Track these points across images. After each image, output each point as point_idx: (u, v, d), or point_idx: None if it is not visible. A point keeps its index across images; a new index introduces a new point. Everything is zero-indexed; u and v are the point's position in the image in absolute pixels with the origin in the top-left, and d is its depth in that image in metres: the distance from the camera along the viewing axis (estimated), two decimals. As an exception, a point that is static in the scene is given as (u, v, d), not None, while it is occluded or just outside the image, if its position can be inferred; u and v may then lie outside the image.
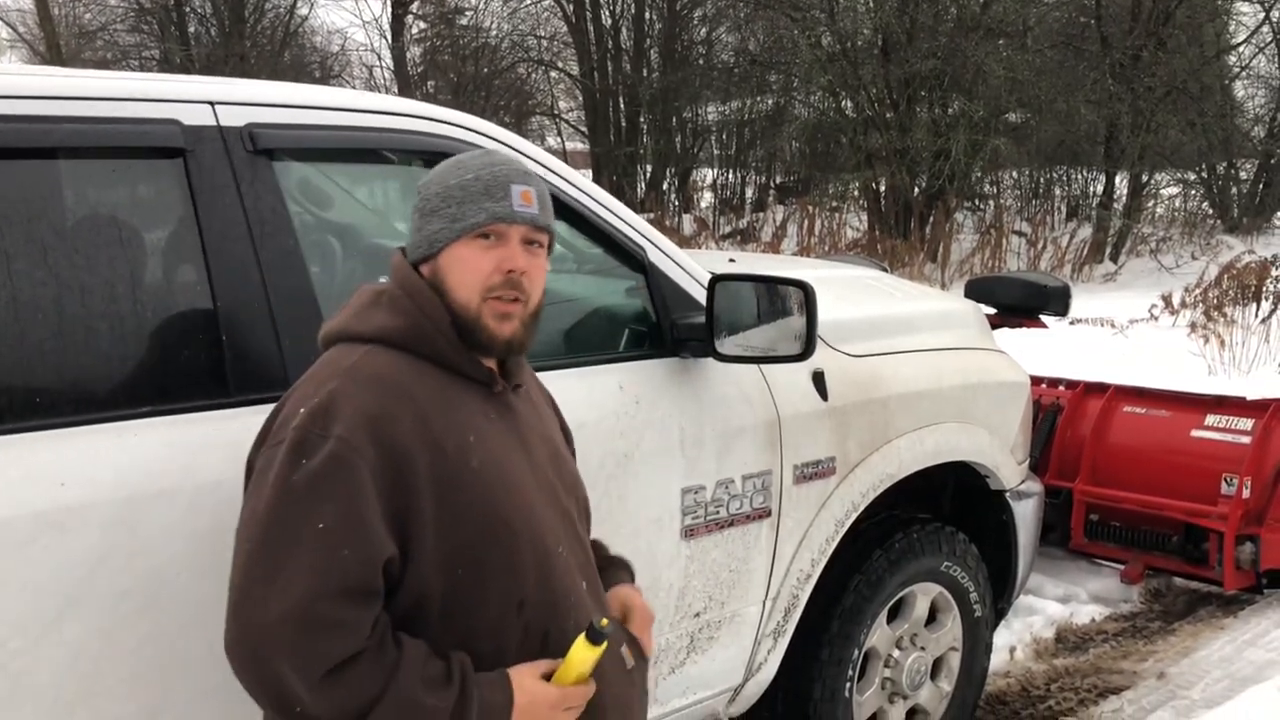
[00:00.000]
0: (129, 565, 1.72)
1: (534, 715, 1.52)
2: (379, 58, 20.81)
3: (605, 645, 1.54)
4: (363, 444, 1.44)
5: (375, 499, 1.44)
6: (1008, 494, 3.42)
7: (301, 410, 1.48)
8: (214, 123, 1.94)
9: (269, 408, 1.88)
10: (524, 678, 1.53)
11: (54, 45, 17.81)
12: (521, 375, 1.73)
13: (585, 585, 1.69)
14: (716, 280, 2.42)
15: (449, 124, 2.26)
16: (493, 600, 1.54)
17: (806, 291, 2.37)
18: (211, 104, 1.95)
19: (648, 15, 19.61)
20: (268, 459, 1.49)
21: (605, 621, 1.54)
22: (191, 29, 19.65)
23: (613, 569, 1.88)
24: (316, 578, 1.40)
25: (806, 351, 2.40)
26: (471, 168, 1.63)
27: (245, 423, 1.86)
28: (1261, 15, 16.82)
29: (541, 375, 2.29)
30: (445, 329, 1.58)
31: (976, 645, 3.33)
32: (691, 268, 2.58)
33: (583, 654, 1.54)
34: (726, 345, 2.42)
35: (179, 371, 1.86)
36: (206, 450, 1.82)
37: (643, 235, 2.50)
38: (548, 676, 1.55)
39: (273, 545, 1.43)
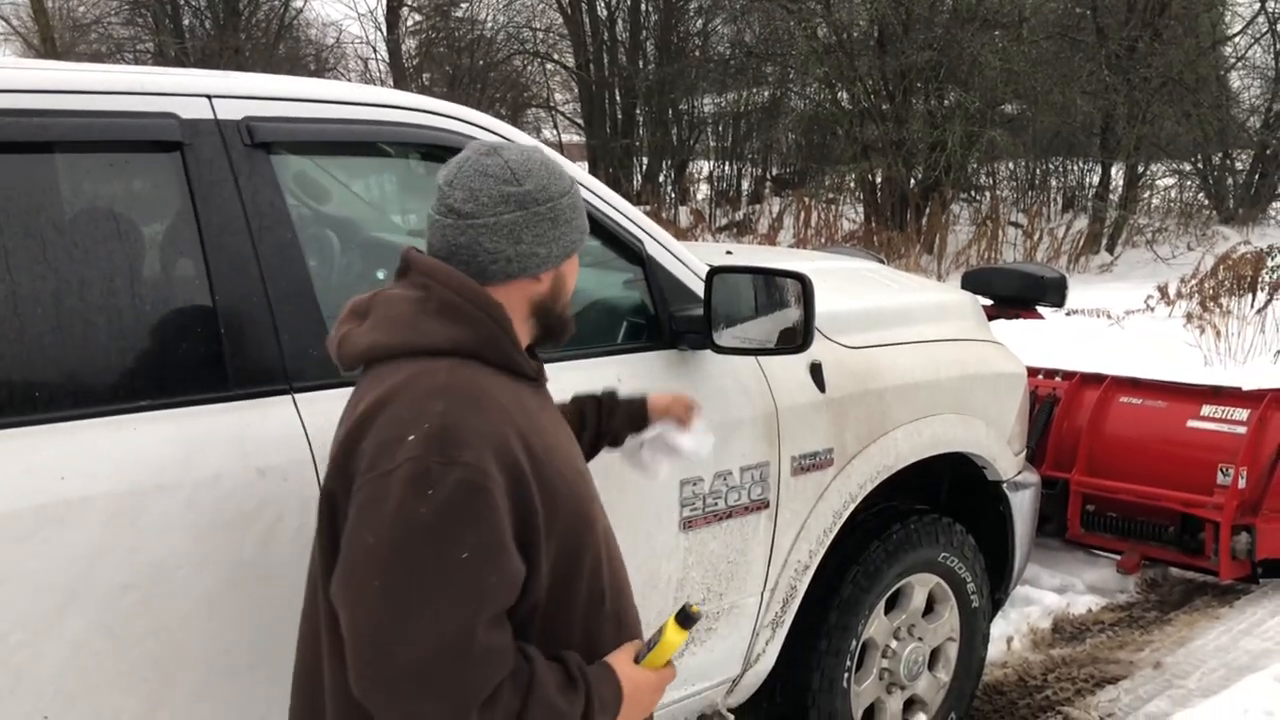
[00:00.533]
0: (129, 559, 1.72)
1: (637, 700, 1.57)
2: (374, 50, 20.79)
3: (693, 629, 1.59)
4: (490, 467, 1.41)
5: (507, 518, 1.43)
6: (1005, 485, 3.43)
7: (410, 437, 1.40)
8: (211, 116, 1.94)
9: (268, 401, 1.90)
10: (623, 666, 1.57)
11: (48, 38, 17.74)
12: None
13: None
14: (714, 272, 2.42)
15: (447, 116, 2.26)
16: (583, 593, 1.57)
17: (804, 283, 2.37)
18: (209, 97, 1.95)
19: (643, 7, 19.57)
20: (376, 490, 1.40)
21: (696, 607, 1.59)
22: (186, 22, 19.60)
23: (624, 402, 2.04)
24: (469, 608, 1.38)
25: (805, 343, 2.40)
26: (564, 174, 1.63)
27: (244, 416, 1.88)
28: (1257, 6, 16.82)
29: (540, 368, 2.30)
30: (511, 334, 1.57)
31: (974, 636, 3.34)
32: (689, 260, 2.58)
33: (673, 637, 1.59)
34: (724, 337, 2.42)
35: (178, 365, 1.86)
36: (206, 444, 1.82)
37: (640, 228, 2.50)
38: (636, 659, 1.60)
39: (411, 581, 1.37)
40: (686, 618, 1.57)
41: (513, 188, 1.55)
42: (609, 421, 2.03)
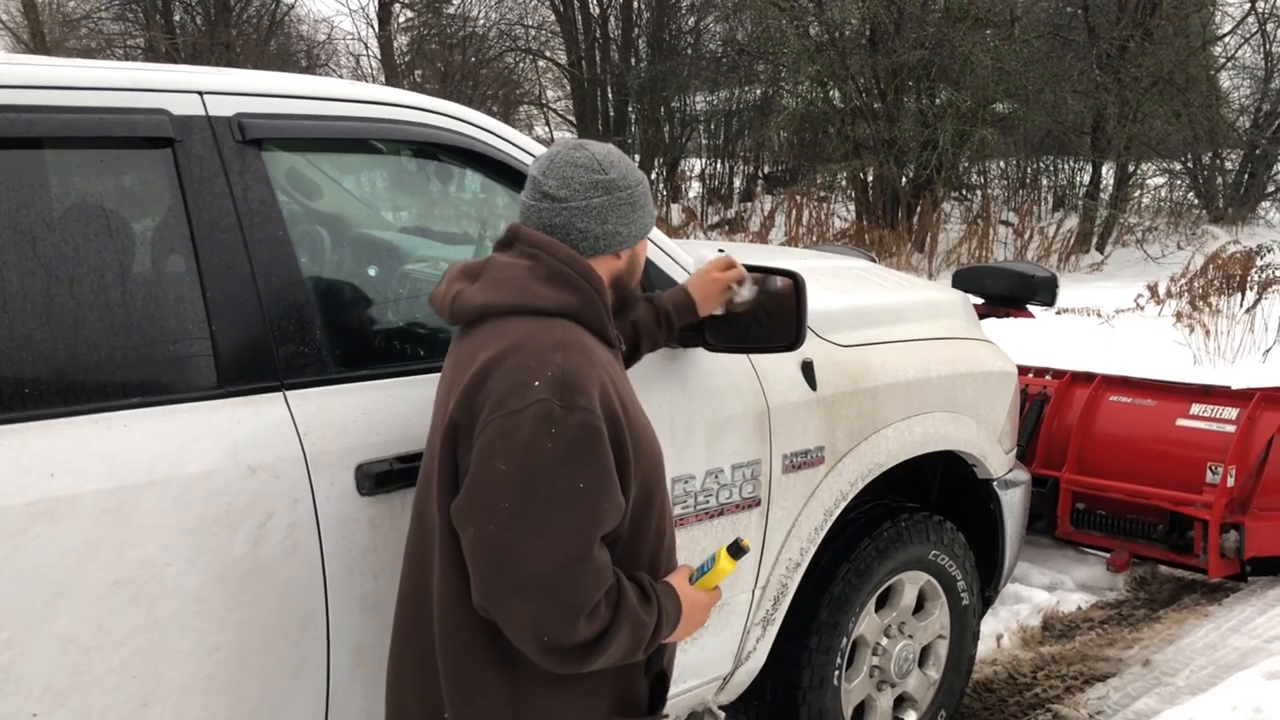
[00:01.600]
0: (119, 556, 1.72)
1: (692, 616, 1.82)
2: (366, 46, 20.80)
3: (741, 559, 1.83)
4: (599, 412, 1.62)
5: (611, 457, 1.64)
6: (995, 483, 3.44)
7: (537, 382, 1.60)
8: (203, 112, 1.93)
9: (259, 398, 1.90)
10: (682, 585, 1.81)
11: (38, 33, 17.68)
12: None
13: None
14: (706, 270, 2.42)
15: (439, 114, 2.26)
16: (652, 529, 1.79)
17: (797, 281, 2.38)
18: (200, 94, 1.95)
19: (636, 4, 19.57)
20: (507, 425, 1.58)
21: (746, 541, 1.84)
22: (177, 17, 19.54)
23: (669, 296, 2.30)
24: (588, 530, 1.60)
25: (797, 341, 2.40)
26: (636, 167, 1.85)
27: (235, 413, 1.87)
28: (1247, 6, 16.88)
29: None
30: (607, 302, 1.79)
31: (964, 633, 3.35)
32: (681, 257, 2.58)
33: (725, 565, 1.83)
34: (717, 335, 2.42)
35: (169, 362, 1.86)
36: (196, 441, 1.82)
37: (632, 225, 2.50)
38: (690, 580, 1.84)
39: (539, 504, 1.57)
40: (738, 549, 1.82)
41: (600, 175, 1.78)
42: (669, 333, 2.29)
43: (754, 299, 2.33)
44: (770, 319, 2.38)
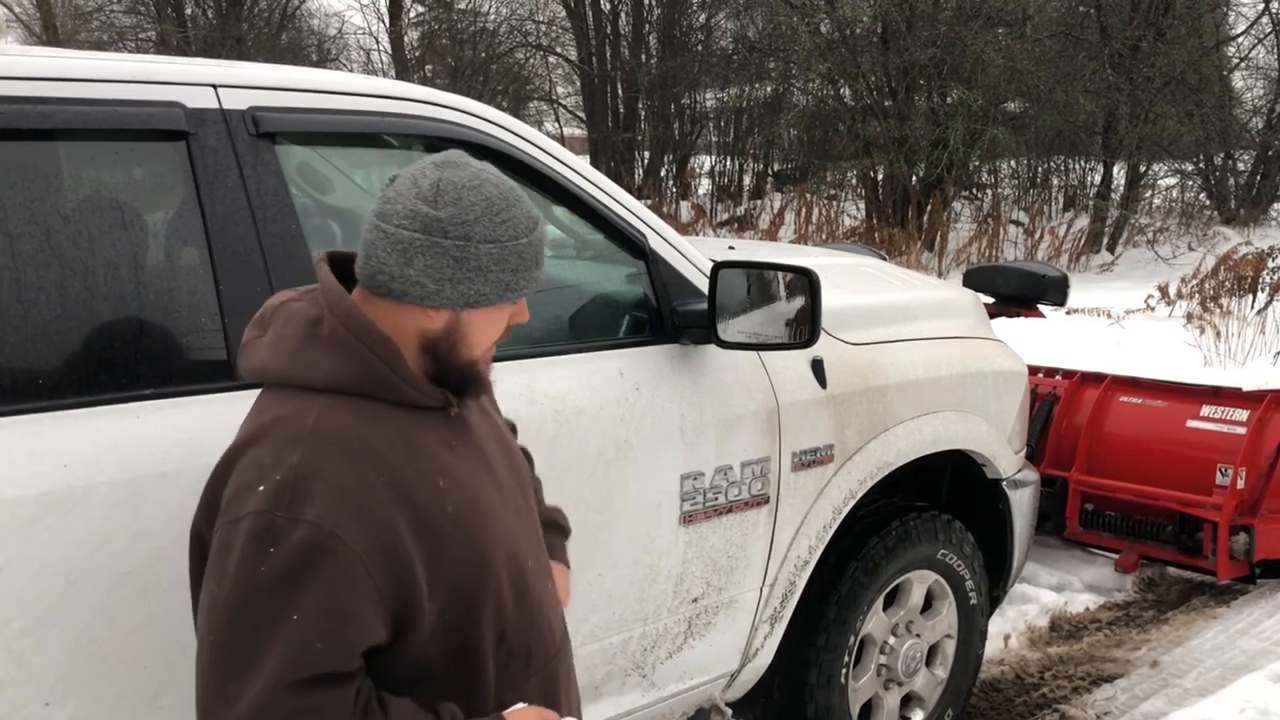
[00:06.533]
0: (131, 547, 1.72)
1: None
2: (376, 41, 20.81)
3: None
4: (342, 525, 1.34)
5: (367, 580, 1.35)
6: (1004, 483, 3.44)
7: (261, 488, 1.35)
8: (217, 105, 1.93)
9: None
10: (524, 715, 1.49)
11: (50, 26, 17.73)
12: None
13: (547, 580, 1.67)
14: (719, 267, 2.42)
15: (451, 108, 2.26)
16: (487, 638, 1.50)
17: (811, 279, 2.37)
18: (214, 87, 1.95)
19: (646, 1, 19.55)
20: (225, 538, 1.36)
21: None
22: (188, 10, 19.56)
23: (548, 533, 1.82)
24: (297, 671, 1.31)
25: (811, 339, 2.40)
26: (519, 224, 1.47)
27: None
28: (1261, 6, 16.80)
29: (542, 361, 2.31)
30: (402, 370, 1.46)
31: (971, 632, 3.34)
32: (692, 254, 2.58)
33: None
34: (729, 332, 2.42)
35: (181, 354, 1.86)
36: (209, 433, 1.82)
37: (643, 222, 2.51)
38: None
39: (240, 638, 1.32)
40: None
41: (426, 208, 1.42)
42: None
43: None
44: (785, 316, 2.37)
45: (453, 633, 1.46)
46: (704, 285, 2.48)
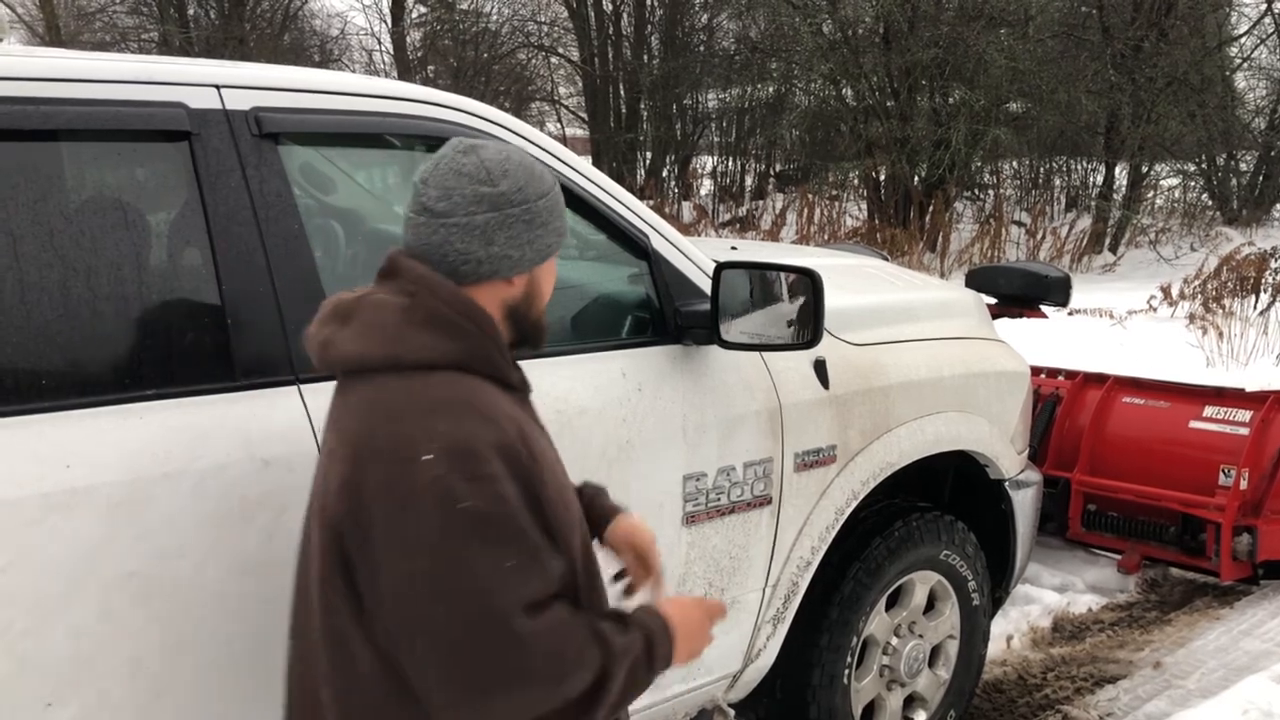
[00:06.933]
0: (133, 548, 1.72)
1: (688, 626, 1.63)
2: (379, 42, 20.84)
3: None
4: (505, 474, 1.41)
5: (532, 524, 1.43)
6: (1007, 483, 3.43)
7: (426, 457, 1.37)
8: (220, 106, 1.93)
9: (274, 391, 1.90)
10: (660, 604, 1.63)
11: (53, 27, 17.74)
12: None
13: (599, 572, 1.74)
14: (722, 267, 2.42)
15: (453, 108, 2.26)
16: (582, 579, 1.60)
17: (814, 279, 2.37)
18: (217, 87, 1.95)
19: (649, 1, 19.55)
20: (403, 520, 1.38)
21: None
22: (191, 11, 19.58)
23: (600, 497, 1.89)
24: (527, 604, 1.39)
25: (814, 339, 2.40)
26: (544, 176, 1.58)
27: (250, 407, 1.88)
28: (1263, 7, 16.80)
29: (544, 361, 2.30)
30: (503, 346, 1.55)
31: (974, 633, 3.34)
32: (695, 255, 2.58)
33: None
34: (732, 332, 2.42)
35: (184, 355, 1.86)
36: (211, 434, 1.82)
37: (646, 222, 2.50)
38: None
39: (472, 602, 1.37)
40: None
41: (487, 188, 1.51)
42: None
43: None
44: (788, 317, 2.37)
45: (580, 568, 1.57)
46: (706, 286, 2.48)
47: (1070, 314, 9.08)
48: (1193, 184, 17.55)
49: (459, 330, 1.49)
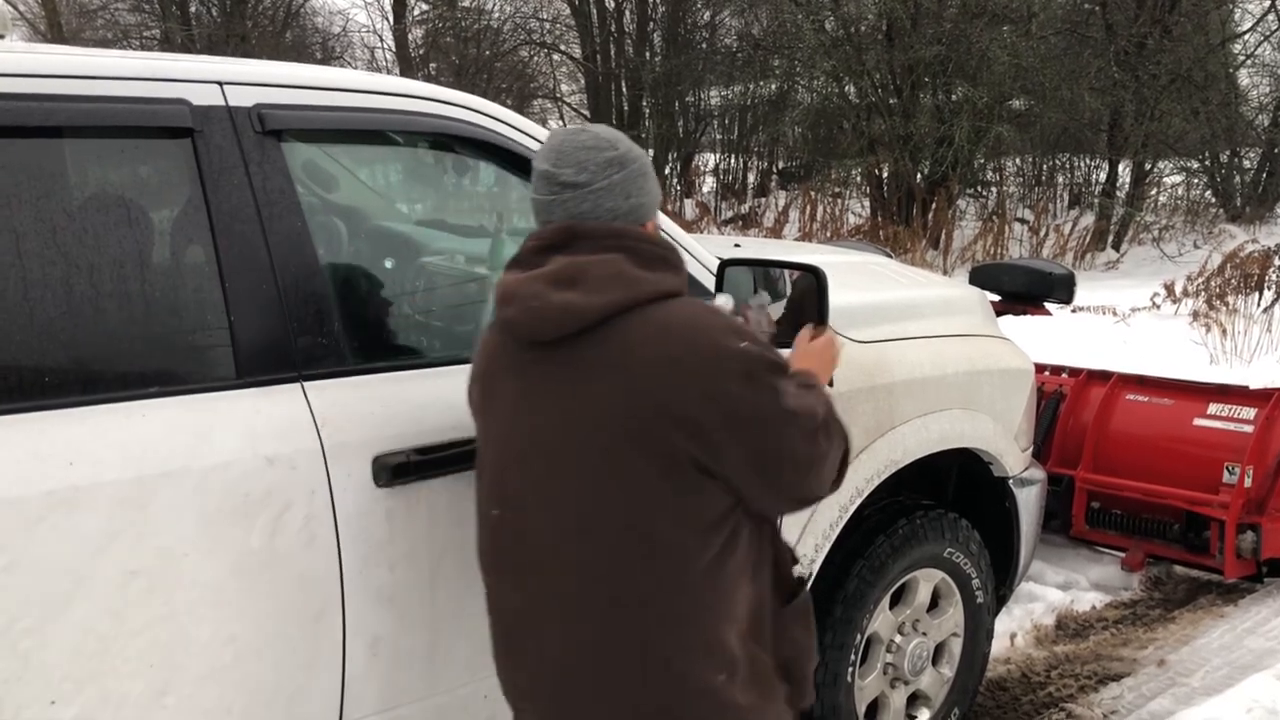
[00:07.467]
0: (136, 546, 1.72)
1: (819, 360, 2.06)
2: (381, 39, 20.77)
3: None
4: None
5: None
6: (1011, 481, 3.43)
7: (739, 345, 1.67)
8: (223, 103, 1.93)
9: (277, 389, 1.91)
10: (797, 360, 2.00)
11: (55, 24, 17.75)
12: None
13: None
14: (726, 264, 2.41)
15: (456, 105, 2.26)
16: None
17: (819, 276, 2.36)
18: (220, 84, 1.94)
19: (651, -2, 19.54)
20: (752, 386, 1.65)
21: None
22: (193, 8, 19.57)
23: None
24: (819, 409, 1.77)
25: (819, 336, 2.39)
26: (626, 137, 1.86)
27: (252, 404, 1.87)
28: (1267, 3, 16.74)
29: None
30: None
31: (978, 631, 3.33)
32: (697, 251, 2.57)
33: None
34: (733, 330, 2.40)
35: (187, 352, 1.86)
36: (214, 431, 1.82)
37: (650, 219, 2.49)
38: None
39: (818, 417, 1.73)
40: None
41: (612, 152, 1.75)
42: None
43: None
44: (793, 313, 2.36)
45: None
46: (710, 283, 2.47)
47: (1074, 311, 9.07)
48: (1196, 181, 17.51)
49: (674, 263, 1.77)
